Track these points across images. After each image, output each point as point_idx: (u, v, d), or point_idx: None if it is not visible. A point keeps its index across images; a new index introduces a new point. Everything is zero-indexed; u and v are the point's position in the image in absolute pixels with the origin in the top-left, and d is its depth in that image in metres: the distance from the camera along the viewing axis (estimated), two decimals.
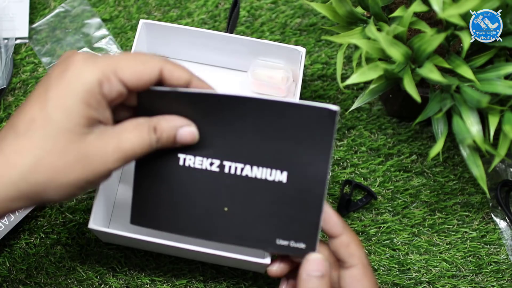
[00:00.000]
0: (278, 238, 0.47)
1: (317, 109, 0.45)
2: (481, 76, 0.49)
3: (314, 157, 0.46)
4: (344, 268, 0.47)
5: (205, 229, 0.48)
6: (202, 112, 0.47)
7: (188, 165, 0.47)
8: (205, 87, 0.46)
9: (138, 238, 0.51)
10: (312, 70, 0.67)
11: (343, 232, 0.46)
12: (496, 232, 0.62)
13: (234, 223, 0.48)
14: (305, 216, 0.47)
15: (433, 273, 0.60)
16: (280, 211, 0.47)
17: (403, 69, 0.49)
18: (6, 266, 0.58)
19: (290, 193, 0.47)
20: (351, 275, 0.46)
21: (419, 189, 0.63)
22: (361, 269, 0.46)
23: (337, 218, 0.46)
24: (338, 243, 0.46)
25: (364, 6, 0.52)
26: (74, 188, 0.41)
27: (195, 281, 0.59)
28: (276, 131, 0.46)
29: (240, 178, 0.47)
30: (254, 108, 0.46)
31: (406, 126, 0.65)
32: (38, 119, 0.40)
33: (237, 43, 0.59)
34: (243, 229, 0.48)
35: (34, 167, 0.40)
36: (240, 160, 0.47)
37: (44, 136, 0.40)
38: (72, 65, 0.41)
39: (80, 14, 0.68)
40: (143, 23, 0.58)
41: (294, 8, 0.69)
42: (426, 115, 0.50)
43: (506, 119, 0.48)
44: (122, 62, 0.42)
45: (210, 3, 0.69)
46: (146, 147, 0.43)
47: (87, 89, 0.41)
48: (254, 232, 0.47)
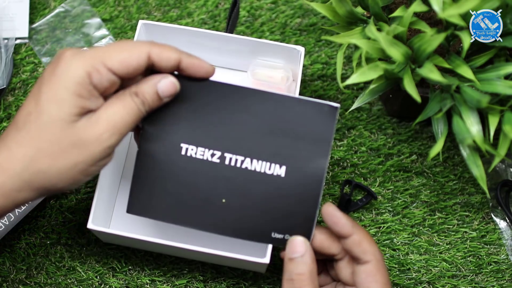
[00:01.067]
0: (273, 231, 0.48)
1: (319, 105, 0.46)
2: (481, 76, 0.49)
3: (313, 153, 0.47)
4: (358, 264, 0.48)
5: (202, 220, 0.49)
6: (205, 101, 0.47)
7: (190, 154, 0.48)
8: (195, 64, 0.47)
9: (138, 238, 0.51)
10: (312, 70, 0.67)
11: (353, 231, 0.47)
12: (496, 232, 0.62)
13: (231, 215, 0.48)
14: (301, 210, 0.48)
15: (433, 273, 0.60)
16: (277, 204, 0.48)
17: (403, 69, 0.49)
18: (6, 266, 0.58)
19: (287, 188, 0.47)
20: (366, 270, 0.47)
21: (419, 189, 0.63)
22: (375, 264, 0.47)
23: (346, 219, 0.47)
24: (350, 242, 0.47)
25: (364, 6, 0.52)
26: (76, 172, 0.44)
27: (195, 281, 0.59)
28: (277, 125, 0.47)
29: (240, 171, 0.48)
30: (257, 100, 0.47)
31: (406, 126, 0.65)
32: (33, 113, 0.43)
33: (236, 43, 0.59)
34: (240, 221, 0.48)
35: (34, 156, 0.43)
36: (241, 152, 0.48)
37: (40, 126, 0.43)
38: (62, 61, 0.44)
39: (80, 14, 0.68)
40: (142, 23, 0.58)
41: (294, 8, 0.69)
42: (426, 115, 0.50)
43: (506, 119, 0.48)
44: (109, 51, 0.44)
45: (210, 3, 0.69)
46: (135, 113, 0.45)
47: (77, 81, 0.43)
48: (250, 225, 0.48)
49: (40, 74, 0.66)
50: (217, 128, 0.48)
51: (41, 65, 0.66)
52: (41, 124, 0.43)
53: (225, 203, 0.48)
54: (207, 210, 0.48)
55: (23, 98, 0.65)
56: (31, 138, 0.43)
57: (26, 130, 0.43)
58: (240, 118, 0.48)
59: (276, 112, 0.47)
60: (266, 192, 0.48)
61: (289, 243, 0.48)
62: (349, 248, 0.48)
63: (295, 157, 0.47)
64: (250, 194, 0.48)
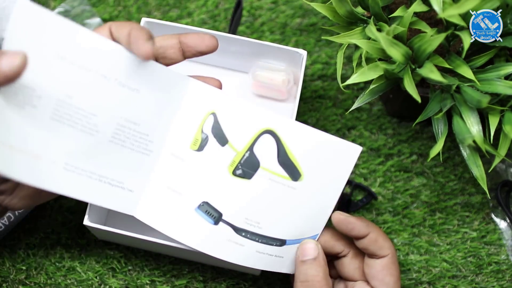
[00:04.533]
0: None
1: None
2: (481, 76, 0.49)
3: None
4: (373, 258, 0.49)
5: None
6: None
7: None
8: (137, 36, 0.45)
9: (135, 236, 0.51)
10: (312, 70, 0.67)
11: (369, 230, 0.48)
12: (496, 233, 0.62)
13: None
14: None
15: (434, 273, 0.60)
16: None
17: (403, 69, 0.49)
18: (6, 266, 0.58)
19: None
20: (382, 263, 0.48)
21: (419, 189, 0.63)
22: (391, 258, 0.49)
23: (360, 221, 0.48)
24: (367, 241, 0.48)
25: (364, 6, 0.52)
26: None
27: (195, 281, 0.59)
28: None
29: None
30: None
31: (406, 126, 0.65)
32: None
33: (238, 44, 0.59)
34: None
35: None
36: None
37: None
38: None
39: (80, 14, 0.68)
40: (145, 21, 0.58)
41: (294, 8, 0.69)
42: (426, 115, 0.50)
43: (507, 119, 0.48)
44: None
45: (210, 3, 0.69)
46: None
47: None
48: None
49: None
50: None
51: None
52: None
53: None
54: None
55: None
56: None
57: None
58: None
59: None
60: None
61: (301, 246, 0.49)
62: (365, 246, 0.49)
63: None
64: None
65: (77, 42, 0.43)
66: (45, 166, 0.44)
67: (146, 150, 0.49)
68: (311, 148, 0.48)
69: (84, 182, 0.46)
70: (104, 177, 0.47)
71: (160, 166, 0.49)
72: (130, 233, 0.51)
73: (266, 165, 0.47)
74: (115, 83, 0.45)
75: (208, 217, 0.48)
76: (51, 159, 0.44)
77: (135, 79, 0.46)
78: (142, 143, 0.48)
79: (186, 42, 0.48)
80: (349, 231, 0.48)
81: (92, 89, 0.45)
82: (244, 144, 0.48)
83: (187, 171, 0.49)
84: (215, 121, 0.48)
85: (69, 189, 0.46)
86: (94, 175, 0.47)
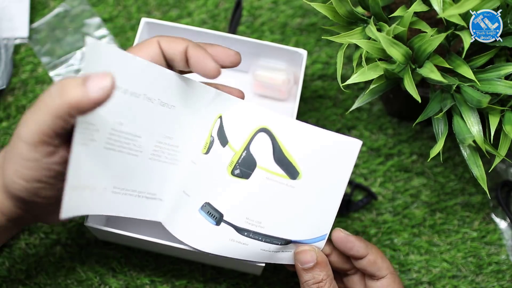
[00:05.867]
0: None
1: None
2: (482, 76, 0.49)
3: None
4: (373, 280, 0.49)
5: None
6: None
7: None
8: (200, 57, 0.46)
9: (135, 237, 0.51)
10: (312, 70, 0.67)
11: (367, 251, 0.48)
12: (496, 233, 0.62)
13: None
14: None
15: (434, 273, 0.60)
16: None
17: (403, 69, 0.49)
18: (6, 267, 0.58)
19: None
20: (382, 284, 0.49)
21: (419, 189, 0.63)
22: (390, 278, 0.49)
23: (359, 241, 0.48)
24: (365, 262, 0.49)
25: (364, 6, 0.52)
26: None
27: (195, 282, 0.59)
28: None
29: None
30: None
31: (406, 126, 0.65)
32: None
33: (238, 44, 0.59)
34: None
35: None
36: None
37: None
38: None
39: (79, 14, 0.68)
40: (145, 21, 0.58)
41: (294, 8, 0.69)
42: (426, 115, 0.50)
43: (507, 119, 0.48)
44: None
45: (210, 3, 0.69)
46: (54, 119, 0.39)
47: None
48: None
49: (39, 74, 0.66)
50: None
51: (41, 65, 0.66)
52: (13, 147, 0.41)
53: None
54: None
55: (23, 98, 0.65)
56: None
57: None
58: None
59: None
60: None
61: (297, 255, 0.48)
62: (363, 267, 0.49)
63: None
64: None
65: (130, 71, 0.43)
66: (98, 195, 0.44)
67: (175, 160, 0.50)
68: (308, 145, 0.47)
69: (127, 201, 0.47)
70: (142, 192, 0.48)
71: (181, 172, 0.50)
72: (130, 234, 0.51)
73: (263, 164, 0.47)
74: (157, 104, 0.46)
75: (210, 218, 0.48)
76: (103, 187, 0.44)
77: (174, 96, 0.47)
78: (173, 155, 0.49)
79: (212, 54, 0.47)
80: (348, 250, 0.48)
81: (139, 113, 0.45)
82: (241, 143, 0.48)
83: (196, 173, 0.49)
84: (220, 123, 0.48)
85: (115, 210, 0.46)
86: (134, 193, 0.47)
